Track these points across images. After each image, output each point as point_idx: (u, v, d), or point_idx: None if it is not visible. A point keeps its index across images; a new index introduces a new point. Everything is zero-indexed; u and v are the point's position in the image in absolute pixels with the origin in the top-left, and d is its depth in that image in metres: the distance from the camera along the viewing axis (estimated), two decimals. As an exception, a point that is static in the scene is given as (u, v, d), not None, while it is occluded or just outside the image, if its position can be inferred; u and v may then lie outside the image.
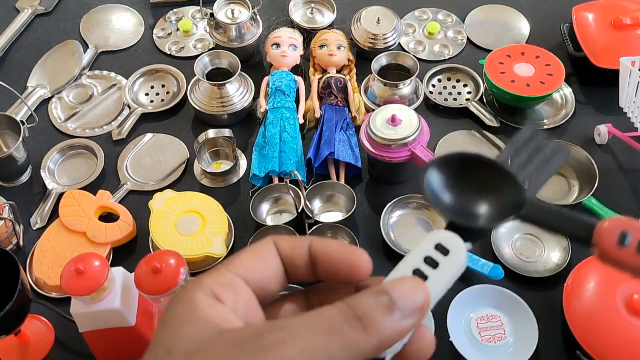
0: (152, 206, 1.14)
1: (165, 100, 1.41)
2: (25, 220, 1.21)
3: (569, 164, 1.24)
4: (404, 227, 1.19)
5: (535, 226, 0.47)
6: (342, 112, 1.30)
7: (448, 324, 1.03)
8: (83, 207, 1.17)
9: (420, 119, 1.17)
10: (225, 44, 1.40)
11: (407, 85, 1.31)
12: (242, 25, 1.39)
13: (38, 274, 1.12)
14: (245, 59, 1.40)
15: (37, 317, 1.09)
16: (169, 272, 0.89)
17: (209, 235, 1.11)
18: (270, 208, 1.22)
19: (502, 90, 1.29)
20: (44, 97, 1.41)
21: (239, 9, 1.40)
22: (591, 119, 1.33)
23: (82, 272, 0.88)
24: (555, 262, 1.13)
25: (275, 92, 1.31)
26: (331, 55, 1.37)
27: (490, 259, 1.12)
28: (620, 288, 0.96)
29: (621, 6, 1.36)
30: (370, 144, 1.18)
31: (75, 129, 1.35)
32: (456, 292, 1.06)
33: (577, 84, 1.39)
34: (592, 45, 1.33)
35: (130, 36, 1.53)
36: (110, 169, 1.29)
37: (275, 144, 1.23)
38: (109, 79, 1.45)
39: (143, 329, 0.97)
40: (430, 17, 1.55)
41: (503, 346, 1.03)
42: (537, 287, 1.10)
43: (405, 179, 1.26)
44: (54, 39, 1.52)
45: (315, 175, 1.24)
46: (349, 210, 1.17)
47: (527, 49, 1.35)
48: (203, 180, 1.27)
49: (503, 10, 1.56)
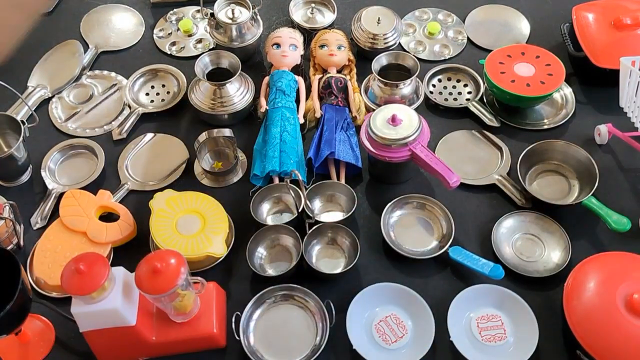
0: (153, 206, 1.14)
1: (165, 99, 1.41)
2: (25, 219, 1.21)
3: (569, 164, 1.24)
4: (404, 227, 1.19)
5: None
6: (342, 111, 1.30)
7: (448, 323, 1.03)
8: (83, 207, 1.17)
9: (420, 118, 1.17)
10: (225, 44, 1.40)
11: (407, 85, 1.31)
12: (242, 25, 1.39)
13: (38, 273, 1.12)
14: (245, 59, 1.40)
15: (37, 317, 1.09)
16: (170, 271, 0.89)
17: (209, 235, 1.11)
18: (271, 208, 1.22)
19: (502, 90, 1.29)
20: (44, 97, 1.41)
21: (239, 8, 1.40)
22: (591, 119, 1.33)
23: (83, 271, 0.88)
24: (556, 261, 1.13)
25: (275, 91, 1.31)
26: (331, 55, 1.37)
27: (491, 258, 1.12)
28: (620, 287, 0.96)
29: (621, 6, 1.36)
30: (371, 143, 1.18)
31: (76, 129, 1.35)
32: (456, 292, 1.06)
33: (577, 84, 1.39)
34: (592, 45, 1.33)
35: (130, 36, 1.53)
36: (111, 169, 1.29)
37: (276, 143, 1.23)
38: (109, 78, 1.45)
39: (143, 328, 0.97)
40: (430, 17, 1.55)
41: (503, 345, 1.03)
42: (537, 287, 1.10)
43: (406, 179, 1.26)
44: (54, 39, 1.52)
45: (315, 174, 1.24)
46: (349, 209, 1.17)
47: (527, 49, 1.35)
48: (203, 180, 1.27)
49: (503, 10, 1.56)
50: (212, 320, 1.01)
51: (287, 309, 1.08)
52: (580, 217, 1.17)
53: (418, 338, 1.04)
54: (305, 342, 1.04)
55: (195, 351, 1.04)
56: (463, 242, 1.16)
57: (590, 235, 1.17)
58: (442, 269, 1.13)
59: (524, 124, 1.33)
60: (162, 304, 0.95)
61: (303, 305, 1.08)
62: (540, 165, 1.25)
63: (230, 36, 1.39)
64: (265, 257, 1.15)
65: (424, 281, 1.12)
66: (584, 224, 1.17)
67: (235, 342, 1.03)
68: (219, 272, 1.14)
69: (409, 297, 1.07)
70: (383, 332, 1.05)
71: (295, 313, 1.08)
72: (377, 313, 1.07)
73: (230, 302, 1.10)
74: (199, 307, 1.01)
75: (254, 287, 1.11)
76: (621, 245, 1.13)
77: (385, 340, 1.04)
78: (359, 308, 1.06)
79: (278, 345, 1.04)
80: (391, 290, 1.08)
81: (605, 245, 1.15)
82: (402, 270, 1.14)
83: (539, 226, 1.17)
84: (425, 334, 1.03)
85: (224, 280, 1.12)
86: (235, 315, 1.05)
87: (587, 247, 1.15)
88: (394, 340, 1.04)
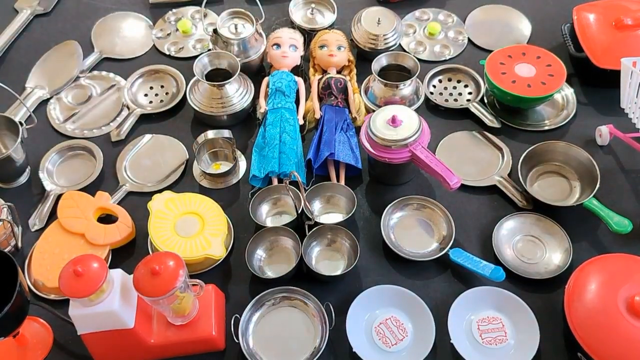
0: (151, 207, 1.13)
1: (164, 100, 1.40)
2: (23, 221, 1.20)
3: (570, 165, 1.23)
4: (404, 228, 1.18)
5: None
6: (342, 112, 1.29)
7: (449, 326, 1.03)
8: (81, 209, 1.17)
9: (420, 119, 1.17)
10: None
11: (407, 85, 1.30)
12: (246, 40, 1.36)
13: (36, 275, 1.11)
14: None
15: (35, 319, 1.08)
16: (168, 273, 0.89)
17: (208, 237, 1.11)
18: (270, 209, 1.21)
19: (502, 90, 1.28)
20: (43, 98, 1.41)
21: (242, 23, 1.38)
22: (592, 120, 1.33)
23: (81, 273, 0.87)
24: (557, 263, 1.12)
25: (275, 92, 1.31)
26: (331, 55, 1.36)
27: (491, 260, 1.12)
28: (621, 290, 0.96)
29: (622, 6, 1.36)
30: (371, 144, 1.17)
31: (74, 130, 1.35)
32: (457, 294, 1.06)
33: (578, 85, 1.39)
34: (593, 46, 1.33)
35: (137, 47, 1.51)
36: (109, 170, 1.28)
37: (275, 144, 1.23)
38: (107, 79, 1.44)
39: (142, 331, 0.97)
40: (430, 18, 1.55)
41: (504, 348, 1.03)
42: (538, 289, 1.10)
43: (406, 180, 1.25)
44: (53, 40, 1.51)
45: (315, 176, 1.23)
46: (349, 211, 1.17)
47: (528, 49, 1.34)
48: (202, 181, 1.26)
49: (504, 10, 1.56)
50: (210, 322, 1.01)
51: (286, 312, 1.07)
52: (582, 219, 1.17)
53: (418, 340, 1.03)
54: (304, 345, 1.03)
55: (194, 354, 1.04)
56: (463, 244, 1.15)
57: (592, 237, 1.16)
58: (443, 271, 1.13)
59: (525, 124, 1.33)
60: (161, 306, 0.95)
61: (302, 307, 1.07)
62: (541, 167, 1.25)
63: (233, 51, 1.36)
64: (264, 259, 1.15)
65: (424, 283, 1.11)
66: (585, 225, 1.17)
67: (234, 345, 1.02)
68: (217, 274, 1.13)
69: (409, 299, 1.06)
70: (383, 335, 1.04)
71: (295, 315, 1.07)
72: (377, 315, 1.07)
73: (229, 305, 1.09)
74: (198, 310, 1.01)
75: (253, 289, 1.10)
76: (622, 247, 1.13)
77: (386, 342, 1.03)
78: (358, 310, 1.05)
79: (277, 348, 1.04)
80: (391, 293, 1.07)
81: (607, 247, 1.14)
82: (402, 272, 1.13)
83: (540, 228, 1.16)
84: (425, 337, 1.02)
85: (223, 282, 1.12)
86: (234, 318, 1.04)
87: (588, 249, 1.14)
88: (394, 343, 1.03)
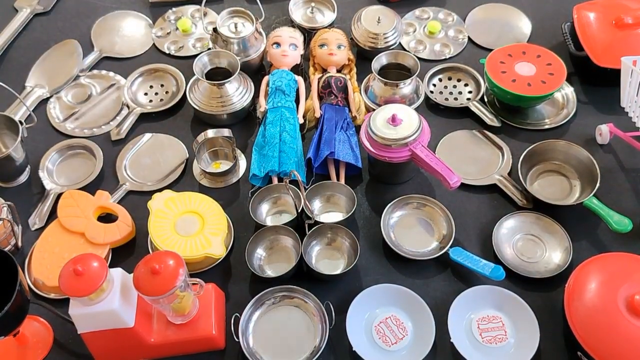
0: (151, 206, 1.13)
1: (164, 99, 1.40)
2: (23, 220, 1.20)
3: (570, 164, 1.23)
4: (404, 227, 1.18)
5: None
6: (342, 111, 1.29)
7: (449, 325, 1.03)
8: (81, 208, 1.17)
9: (420, 118, 1.16)
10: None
11: (407, 84, 1.30)
12: (246, 39, 1.36)
13: (36, 274, 1.11)
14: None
15: (35, 318, 1.08)
16: (168, 273, 0.89)
17: (208, 236, 1.11)
18: (270, 208, 1.21)
19: (503, 89, 1.28)
20: (43, 97, 1.41)
21: (242, 22, 1.38)
22: (592, 119, 1.32)
23: (81, 272, 0.87)
24: (557, 262, 1.12)
25: (275, 91, 1.31)
26: (331, 54, 1.36)
27: (491, 259, 1.12)
28: (621, 289, 0.96)
29: (622, 5, 1.36)
30: (371, 143, 1.17)
31: (74, 129, 1.35)
32: (457, 293, 1.06)
33: (578, 83, 1.39)
34: (593, 44, 1.32)
35: (137, 46, 1.51)
36: (109, 169, 1.28)
37: (275, 143, 1.23)
38: (107, 78, 1.44)
39: (142, 330, 0.97)
40: (430, 16, 1.54)
41: (504, 347, 1.03)
42: (538, 288, 1.09)
43: (406, 179, 1.25)
44: (53, 39, 1.51)
45: (315, 175, 1.23)
46: (349, 210, 1.17)
47: (528, 48, 1.34)
48: (202, 180, 1.26)
49: (504, 9, 1.55)
50: (211, 321, 1.01)
51: (286, 311, 1.07)
52: (582, 218, 1.17)
53: (418, 339, 1.03)
54: (304, 344, 1.03)
55: (194, 353, 1.04)
56: (463, 243, 1.15)
57: (592, 236, 1.16)
58: (443, 269, 1.13)
59: (525, 123, 1.33)
60: (161, 305, 0.95)
61: (303, 306, 1.07)
62: (541, 165, 1.25)
63: (233, 50, 1.36)
64: (264, 258, 1.15)
65: (424, 282, 1.11)
66: (585, 224, 1.17)
67: (234, 344, 1.02)
68: (217, 273, 1.13)
69: (409, 298, 1.06)
70: (383, 334, 1.04)
71: (295, 314, 1.07)
72: (377, 314, 1.06)
73: (229, 304, 1.09)
74: (198, 309, 1.01)
75: (253, 289, 1.10)
76: (622, 246, 1.13)
77: (386, 341, 1.03)
78: (358, 309, 1.05)
79: (277, 347, 1.04)
80: (391, 292, 1.07)
81: (607, 246, 1.14)
82: (402, 271, 1.13)
83: (539, 227, 1.16)
84: (425, 336, 1.02)
85: (223, 281, 1.12)
86: (234, 317, 1.04)
87: (588, 247, 1.14)
88: (394, 342, 1.03)
